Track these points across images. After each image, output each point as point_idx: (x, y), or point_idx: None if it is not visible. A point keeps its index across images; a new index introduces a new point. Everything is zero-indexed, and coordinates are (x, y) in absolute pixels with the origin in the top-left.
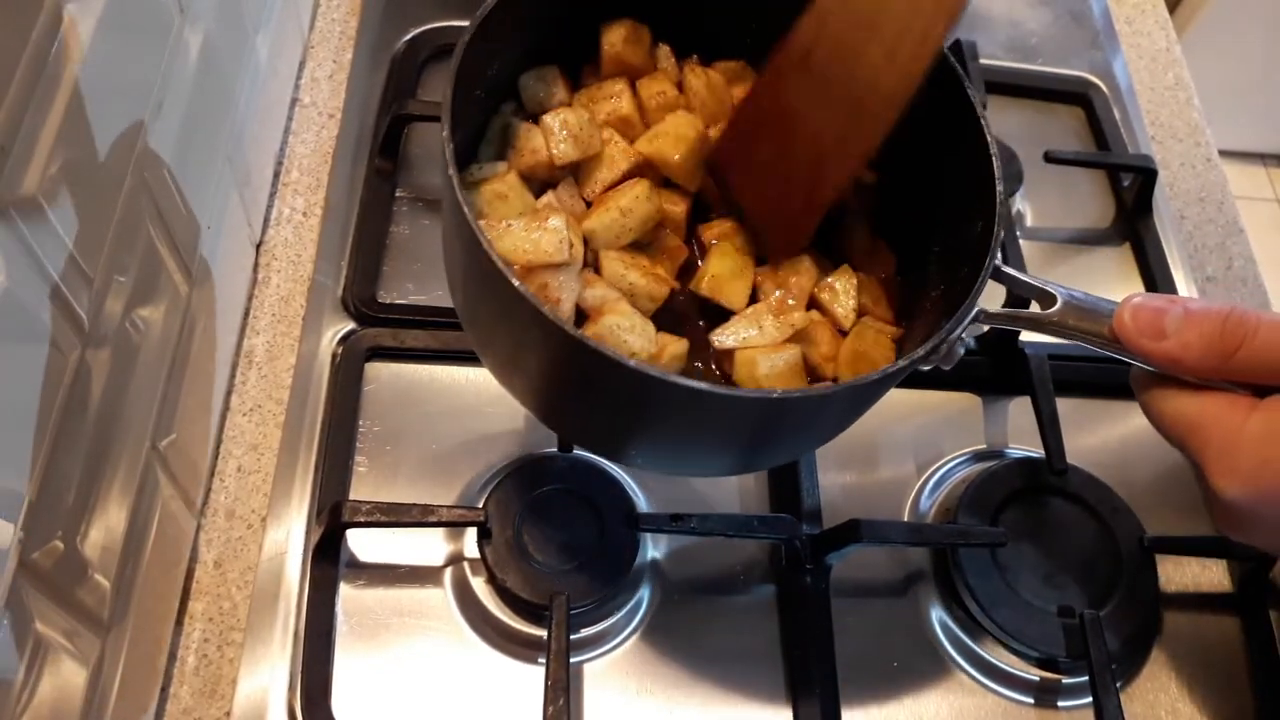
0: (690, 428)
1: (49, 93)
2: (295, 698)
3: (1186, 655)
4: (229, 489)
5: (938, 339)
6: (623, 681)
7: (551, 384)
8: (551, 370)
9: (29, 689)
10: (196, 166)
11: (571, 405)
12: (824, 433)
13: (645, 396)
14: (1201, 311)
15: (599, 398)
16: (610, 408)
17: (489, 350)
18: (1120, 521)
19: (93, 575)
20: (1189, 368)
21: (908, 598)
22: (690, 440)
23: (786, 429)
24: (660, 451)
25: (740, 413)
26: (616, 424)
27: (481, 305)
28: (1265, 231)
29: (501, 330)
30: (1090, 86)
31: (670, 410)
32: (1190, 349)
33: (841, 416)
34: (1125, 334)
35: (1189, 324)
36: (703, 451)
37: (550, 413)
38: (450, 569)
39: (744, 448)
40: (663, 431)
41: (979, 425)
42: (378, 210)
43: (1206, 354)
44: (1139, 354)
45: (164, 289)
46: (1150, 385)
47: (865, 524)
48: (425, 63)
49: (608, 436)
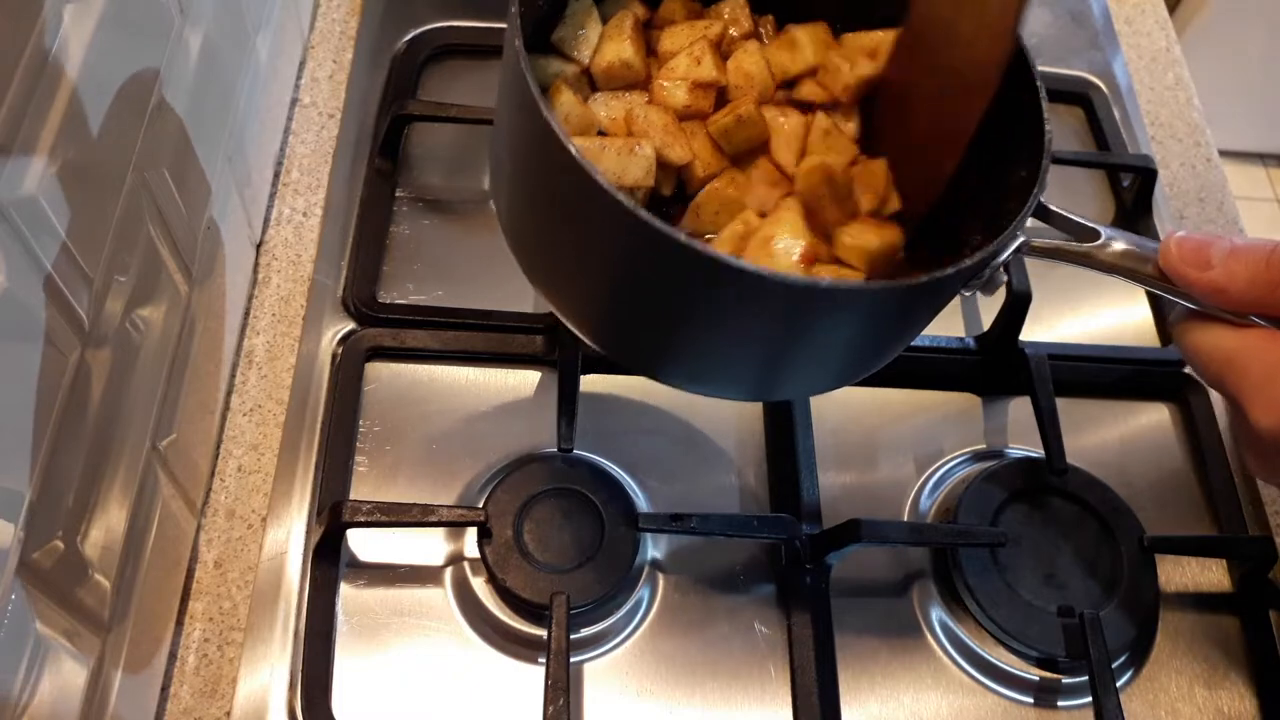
0: (733, 315)
1: (49, 93)
2: (295, 697)
3: (1186, 655)
4: (229, 489)
5: (986, 252)
6: (623, 681)
7: (609, 282)
8: (617, 264)
9: (29, 689)
10: (196, 167)
11: (625, 306)
12: (857, 355)
13: (706, 280)
14: (1247, 245)
15: (649, 284)
16: (662, 294)
17: (541, 253)
18: (1120, 521)
19: (93, 575)
20: (1233, 298)
21: (908, 597)
22: (730, 330)
23: (835, 331)
24: (700, 352)
25: (787, 299)
26: (660, 319)
27: (543, 200)
28: (1265, 231)
29: (563, 227)
30: (1090, 86)
31: (713, 289)
32: (1235, 279)
33: (877, 333)
34: (1170, 264)
35: (1234, 256)
36: (740, 350)
37: (599, 319)
38: (450, 569)
39: (774, 349)
40: (704, 321)
41: (979, 425)
42: (378, 210)
43: (1252, 285)
44: (1184, 282)
45: (164, 289)
46: (1190, 323)
47: (865, 524)
48: (425, 63)
49: (655, 339)
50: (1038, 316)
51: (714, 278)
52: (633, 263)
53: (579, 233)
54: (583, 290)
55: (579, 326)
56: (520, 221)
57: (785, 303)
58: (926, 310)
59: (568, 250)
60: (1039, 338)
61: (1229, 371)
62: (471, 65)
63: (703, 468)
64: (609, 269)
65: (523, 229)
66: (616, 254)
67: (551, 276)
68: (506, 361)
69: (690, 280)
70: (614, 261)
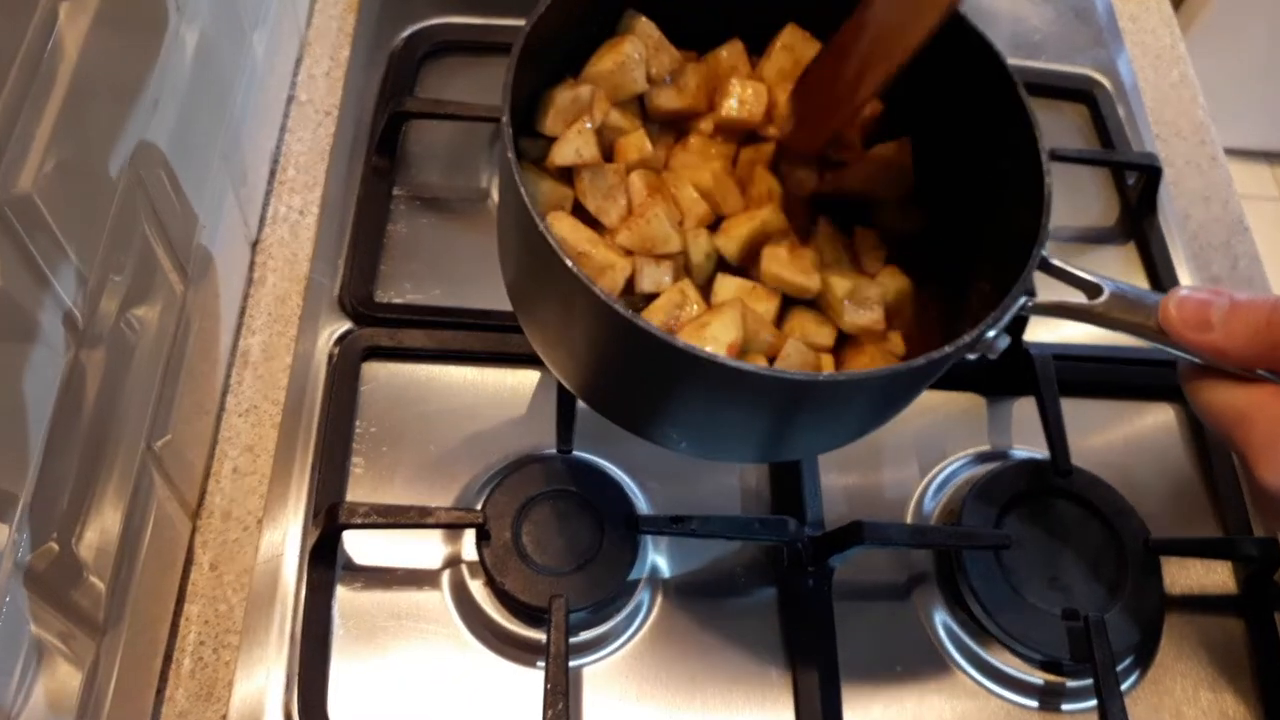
0: (731, 407)
1: (44, 91)
2: (292, 701)
3: (1191, 658)
4: (225, 490)
5: (986, 324)
6: (623, 685)
7: (597, 361)
8: (601, 348)
9: (24, 692)
10: (192, 165)
11: (614, 383)
12: (871, 417)
13: (689, 373)
14: (1247, 303)
15: (643, 375)
16: (653, 384)
17: (535, 326)
18: (1125, 523)
19: (88, 577)
20: (1235, 359)
21: (911, 600)
22: (729, 419)
23: (830, 410)
24: (698, 431)
25: (782, 392)
26: (657, 401)
27: (533, 283)
28: (1270, 230)
29: (552, 309)
30: (1094, 84)
31: (713, 388)
32: (1235, 339)
33: (886, 403)
34: (1171, 326)
35: (1235, 315)
36: (740, 431)
37: (592, 391)
38: (448, 571)
39: (776, 430)
40: (703, 410)
41: (983, 426)
42: (375, 209)
43: (1252, 344)
44: (1185, 345)
45: (159, 288)
46: (1197, 377)
47: (868, 525)
48: (423, 59)
49: (648, 414)
50: (1042, 317)
51: (716, 377)
52: (633, 360)
53: (576, 326)
54: (577, 366)
55: (569, 385)
56: (519, 296)
57: (786, 396)
58: (918, 384)
59: (564, 334)
60: (1043, 338)
61: (1236, 429)
62: (470, 62)
63: (703, 469)
64: (604, 356)
65: (522, 302)
66: (617, 351)
67: (546, 346)
68: (505, 361)
69: (690, 378)
70: (614, 357)
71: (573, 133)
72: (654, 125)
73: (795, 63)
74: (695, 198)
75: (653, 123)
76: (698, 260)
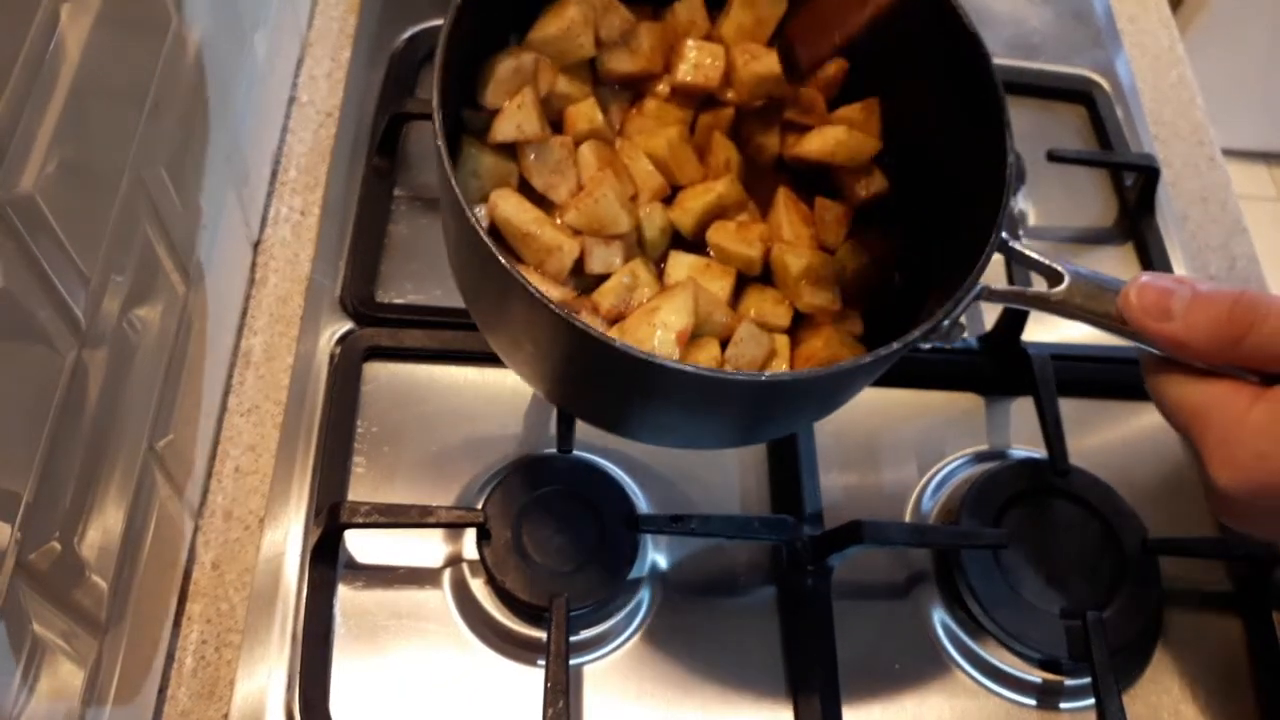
0: (688, 405)
1: (45, 92)
2: (293, 699)
3: (1189, 657)
4: (226, 490)
5: (942, 313)
6: (623, 683)
7: (553, 364)
8: (552, 352)
9: (26, 690)
10: (194, 166)
11: (575, 385)
12: (824, 407)
13: (642, 378)
14: (1210, 294)
15: (602, 378)
16: (612, 387)
17: (487, 325)
18: (1123, 523)
19: (90, 576)
20: (1194, 351)
21: (909, 599)
22: (690, 415)
23: (781, 405)
24: (662, 427)
25: (736, 394)
26: (618, 400)
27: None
28: (1268, 231)
29: (497, 308)
30: (1093, 85)
31: (669, 390)
32: (1196, 332)
33: (837, 393)
34: (1130, 313)
35: (1196, 306)
36: (703, 425)
37: (556, 392)
38: (449, 570)
39: (743, 423)
40: (663, 408)
41: (981, 426)
42: (376, 209)
43: (1213, 338)
44: (1144, 335)
45: (161, 289)
46: (1157, 369)
47: (867, 525)
48: (424, 61)
49: (612, 413)
50: (1040, 316)
51: (659, 377)
52: (579, 360)
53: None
54: (538, 369)
55: (534, 387)
56: (471, 303)
57: (731, 394)
58: (870, 376)
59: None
60: (1042, 338)
61: (1192, 424)
62: None
63: (703, 469)
64: (558, 360)
65: (476, 309)
66: (564, 351)
67: (504, 351)
68: None
69: (637, 377)
70: (562, 357)
71: (513, 107)
72: (608, 88)
73: (757, 20)
74: (650, 170)
75: (606, 85)
76: (651, 236)
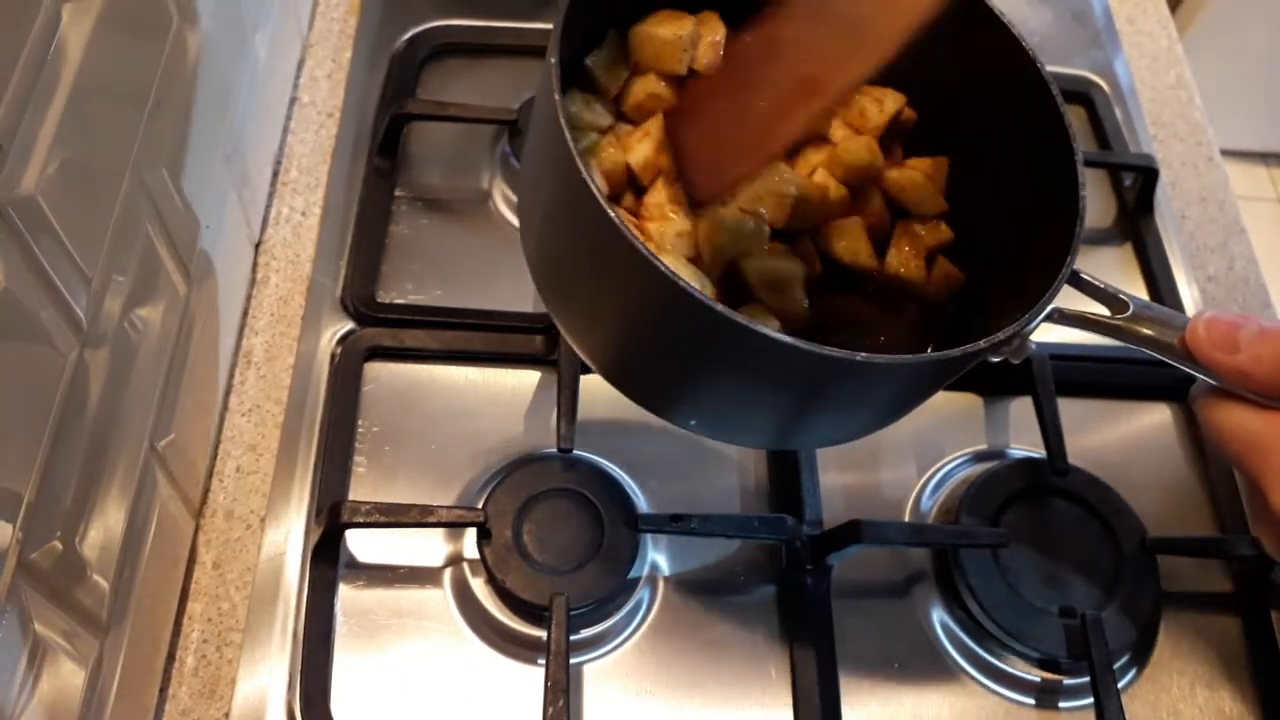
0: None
1: (47, 92)
2: (294, 699)
3: (1188, 656)
4: (228, 489)
5: (1016, 327)
6: (623, 682)
7: (637, 335)
8: (648, 322)
9: (27, 690)
10: (195, 166)
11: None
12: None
13: (731, 344)
14: (1276, 329)
15: (680, 346)
16: (685, 352)
17: (569, 298)
18: (1122, 522)
19: (91, 576)
20: (1259, 383)
21: (909, 599)
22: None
23: (859, 396)
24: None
25: (813, 368)
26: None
27: (570, 244)
28: (1267, 231)
29: (589, 275)
30: (1091, 86)
31: (748, 359)
32: (1262, 364)
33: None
34: (1198, 346)
35: (1263, 339)
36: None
37: (618, 366)
38: (450, 570)
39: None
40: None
41: (980, 425)
42: (377, 210)
43: (1278, 370)
44: (1210, 366)
45: (162, 289)
46: (1213, 400)
47: (866, 524)
48: (424, 61)
49: (666, 385)
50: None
51: (747, 345)
52: (665, 323)
53: (612, 289)
54: (608, 336)
55: (592, 360)
56: (548, 264)
57: (815, 372)
58: (948, 377)
59: (598, 301)
60: (1040, 337)
61: (1251, 454)
62: (471, 64)
63: (703, 468)
64: (639, 324)
65: (551, 272)
66: (649, 313)
67: (574, 318)
68: (506, 361)
69: (722, 345)
70: (646, 319)
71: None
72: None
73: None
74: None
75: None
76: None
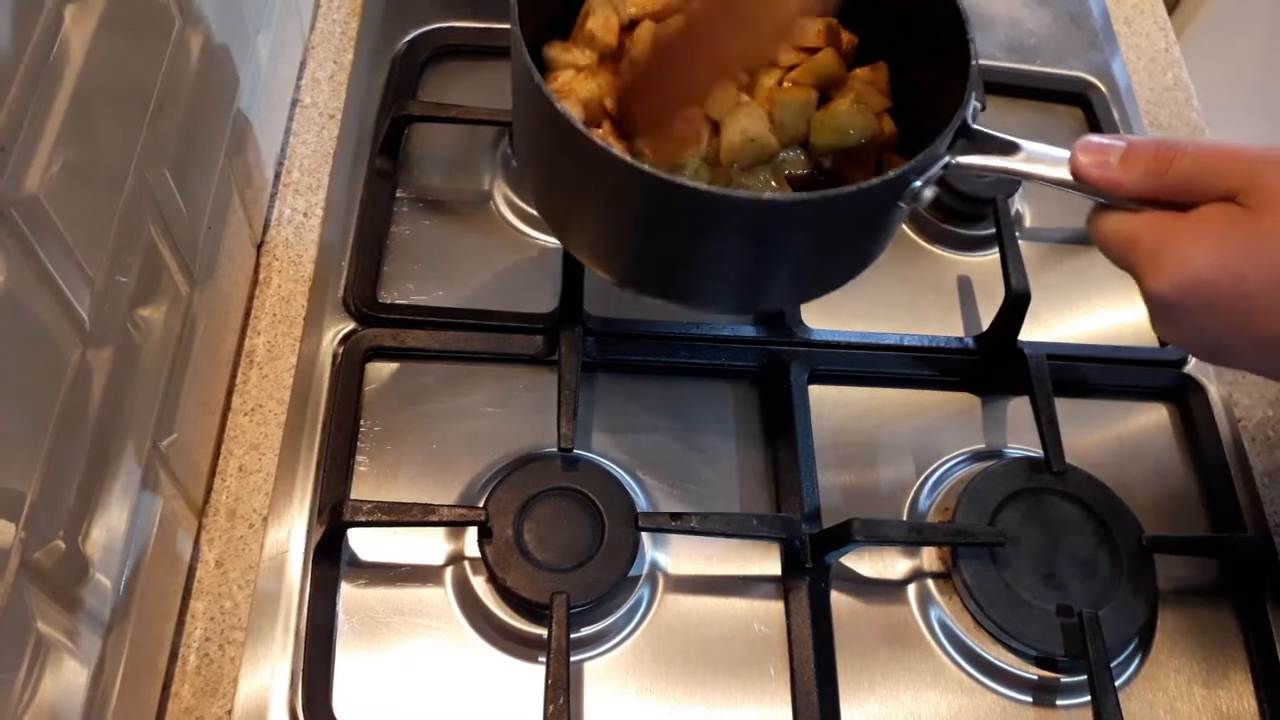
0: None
1: (50, 93)
2: (296, 697)
3: (1185, 654)
4: (230, 489)
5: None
6: (623, 680)
7: (622, 226)
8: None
9: (30, 688)
10: (197, 167)
11: (643, 249)
12: (822, 258)
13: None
14: (1139, 141)
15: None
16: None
17: (568, 215)
18: (1118, 521)
19: (94, 575)
20: (1128, 190)
21: (907, 597)
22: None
23: (785, 238)
24: (682, 269)
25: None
26: (676, 253)
27: (550, 161)
28: None
29: (570, 177)
30: (1089, 87)
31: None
32: (1130, 171)
33: (834, 238)
34: (1077, 165)
35: (1129, 152)
36: (730, 263)
37: (624, 266)
38: (451, 568)
39: (743, 262)
40: (700, 249)
41: (978, 425)
42: (378, 211)
43: (1143, 176)
44: (1090, 182)
45: (165, 289)
46: (1098, 215)
47: (864, 523)
48: (426, 63)
49: (674, 272)
50: (1036, 316)
51: (670, 198)
52: (614, 194)
53: (590, 188)
54: (607, 239)
55: (605, 270)
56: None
57: (743, 217)
58: (861, 221)
59: (586, 207)
60: (1038, 338)
61: (1126, 249)
62: (472, 66)
63: (703, 467)
64: (623, 216)
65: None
66: (628, 202)
67: (577, 233)
68: (506, 361)
69: (658, 204)
70: (627, 210)
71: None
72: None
73: None
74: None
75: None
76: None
